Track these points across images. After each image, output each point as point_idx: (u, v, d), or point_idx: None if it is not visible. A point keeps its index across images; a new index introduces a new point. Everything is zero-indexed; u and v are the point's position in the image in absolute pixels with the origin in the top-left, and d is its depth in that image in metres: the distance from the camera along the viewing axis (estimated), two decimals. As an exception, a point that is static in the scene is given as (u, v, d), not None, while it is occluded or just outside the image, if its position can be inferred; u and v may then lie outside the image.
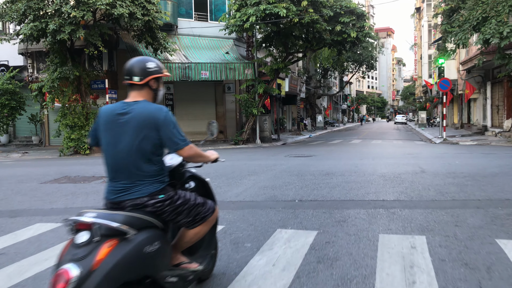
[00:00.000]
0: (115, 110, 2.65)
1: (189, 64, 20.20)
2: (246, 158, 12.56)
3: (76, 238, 2.24)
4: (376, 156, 12.15)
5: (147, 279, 2.50)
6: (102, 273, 2.15)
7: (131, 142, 2.56)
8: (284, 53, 22.33)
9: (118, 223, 2.31)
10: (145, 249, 2.40)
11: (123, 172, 2.58)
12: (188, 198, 2.80)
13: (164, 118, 2.64)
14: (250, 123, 21.87)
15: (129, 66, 2.72)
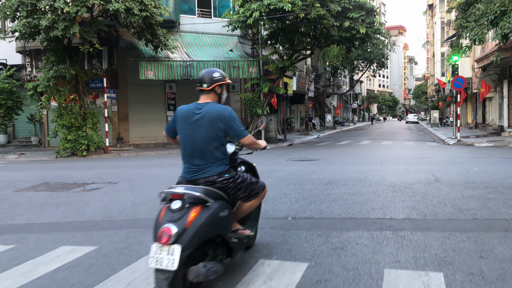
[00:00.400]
0: (191, 109, 3.43)
1: (191, 62, 19.35)
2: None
3: (172, 205, 2.99)
4: (385, 160, 11.15)
5: (218, 238, 3.24)
6: (193, 231, 2.87)
7: (206, 133, 3.31)
8: (290, 50, 21.38)
9: (201, 193, 3.07)
10: (220, 214, 3.17)
11: (198, 156, 3.33)
12: (246, 177, 3.56)
13: (229, 115, 3.38)
14: (255, 124, 20.97)
15: (200, 76, 3.49)
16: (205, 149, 3.35)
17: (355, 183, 7.43)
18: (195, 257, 3.01)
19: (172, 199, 3.04)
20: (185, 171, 3.43)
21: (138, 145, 20.68)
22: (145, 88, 20.88)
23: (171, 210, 2.98)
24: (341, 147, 17.54)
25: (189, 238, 2.87)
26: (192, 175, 3.37)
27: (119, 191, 7.51)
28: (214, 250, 3.24)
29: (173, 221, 2.89)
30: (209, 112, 3.37)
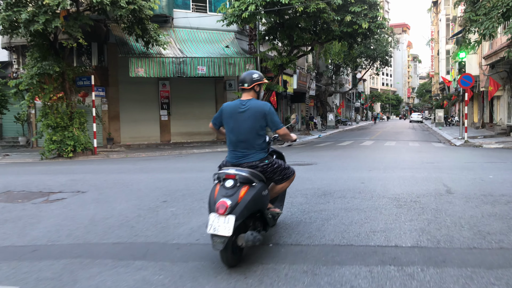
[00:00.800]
0: (236, 105, 4.05)
1: (184, 58, 18.36)
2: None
3: (225, 183, 3.70)
4: (389, 165, 10.09)
5: (258, 213, 3.94)
6: (243, 205, 3.59)
7: (250, 125, 3.96)
8: (289, 46, 20.33)
9: (249, 175, 3.78)
10: (262, 193, 3.87)
11: (243, 145, 3.99)
12: (280, 164, 4.27)
13: (269, 109, 4.03)
14: (252, 123, 19.91)
15: (242, 77, 4.15)
16: (249, 138, 3.94)
17: (354, 195, 6.39)
18: (240, 227, 3.62)
19: (225, 178, 3.70)
20: (231, 156, 4.03)
21: (129, 146, 19.71)
22: (137, 86, 19.92)
23: (225, 188, 3.65)
24: (341, 148, 16.49)
25: (240, 211, 3.51)
26: (237, 160, 3.97)
27: (82, 204, 6.51)
28: (253, 223, 3.87)
29: (228, 196, 3.54)
30: (252, 107, 3.95)
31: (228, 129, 4.08)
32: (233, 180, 3.68)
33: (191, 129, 21.42)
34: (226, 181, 3.71)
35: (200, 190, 7.11)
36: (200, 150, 18.16)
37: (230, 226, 3.41)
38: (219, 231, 3.42)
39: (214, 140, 21.82)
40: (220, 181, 3.74)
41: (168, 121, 20.88)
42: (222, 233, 3.40)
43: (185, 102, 21.19)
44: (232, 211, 3.49)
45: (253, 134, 3.96)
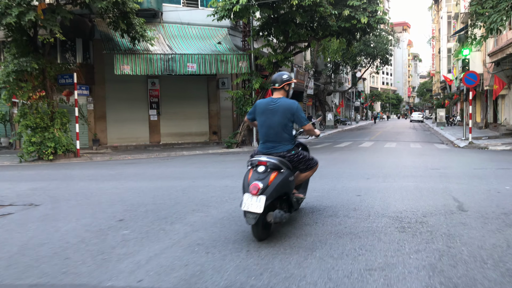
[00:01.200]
0: (268, 102, 4.61)
1: (173, 55, 17.28)
2: (218, 172, 9.54)
3: (258, 169, 4.25)
4: (389, 172, 9.00)
5: (284, 196, 4.46)
6: (272, 187, 4.13)
7: (279, 120, 4.50)
8: (284, 43, 19.24)
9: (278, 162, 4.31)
10: (289, 178, 4.41)
11: (273, 137, 4.54)
12: (305, 155, 4.76)
13: (296, 107, 4.55)
14: (246, 124, 18.87)
15: (273, 77, 4.73)
16: (278, 131, 4.52)
17: (347, 213, 5.31)
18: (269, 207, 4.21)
19: (257, 165, 4.31)
20: (262, 147, 4.64)
21: (116, 147, 18.65)
22: (125, 84, 18.86)
23: (257, 172, 4.25)
24: (339, 150, 15.41)
25: (270, 192, 4.11)
26: (267, 150, 4.57)
27: (25, 222, 5.45)
28: (280, 205, 4.46)
29: (259, 180, 4.14)
30: (281, 104, 4.54)
31: (260, 123, 4.65)
32: (265, 166, 4.25)
33: (182, 129, 20.35)
34: (258, 167, 4.27)
35: (168, 205, 6.04)
36: (190, 152, 17.11)
37: (261, 204, 3.96)
38: (252, 208, 3.98)
39: (206, 141, 20.76)
40: (253, 167, 4.32)
41: (158, 121, 19.81)
42: (254, 210, 3.96)
43: (175, 101, 20.12)
44: (263, 192, 4.04)
45: (282, 128, 4.50)
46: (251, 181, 4.12)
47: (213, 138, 20.90)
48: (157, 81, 19.57)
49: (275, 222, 4.25)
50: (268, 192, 4.07)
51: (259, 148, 4.66)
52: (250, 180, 4.16)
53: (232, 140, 18.42)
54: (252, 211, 3.98)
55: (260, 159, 4.32)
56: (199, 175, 8.94)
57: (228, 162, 11.75)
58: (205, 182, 7.88)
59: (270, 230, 4.42)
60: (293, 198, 4.64)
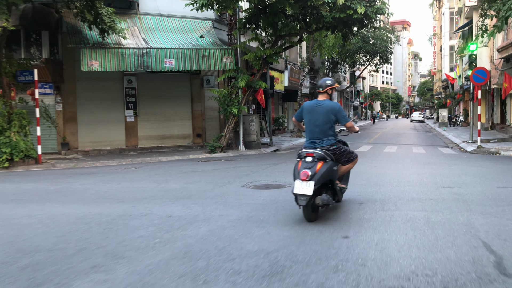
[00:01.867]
0: (314, 104, 5.33)
1: (148, 49, 15.35)
2: (176, 190, 7.55)
3: (306, 159, 4.93)
4: (389, 193, 7.00)
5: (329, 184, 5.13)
6: (319, 174, 4.80)
7: (324, 119, 5.21)
8: (273, 36, 17.29)
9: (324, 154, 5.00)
10: (333, 168, 5.08)
11: (318, 133, 5.23)
12: (346, 148, 5.45)
13: (338, 108, 5.27)
14: (231, 125, 16.96)
15: (319, 83, 5.48)
16: (323, 128, 5.22)
17: (323, 280, 3.34)
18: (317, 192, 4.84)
19: (306, 156, 4.98)
20: (309, 142, 5.33)
21: (88, 152, 16.71)
22: (98, 82, 16.94)
23: (306, 162, 4.92)
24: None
25: (317, 178, 4.79)
26: (313, 145, 5.25)
27: None
28: (326, 192, 5.09)
29: (308, 168, 4.81)
30: (326, 105, 5.25)
31: (306, 121, 5.40)
32: (312, 157, 4.96)
33: (162, 132, 18.41)
34: (306, 158, 4.98)
35: (68, 253, 4.07)
36: (167, 158, 15.19)
37: (311, 188, 4.70)
38: (303, 191, 4.72)
39: (189, 145, 18.81)
40: (301, 158, 5.05)
41: (135, 122, 17.87)
42: (305, 193, 4.71)
43: (155, 101, 18.18)
44: (312, 178, 4.76)
45: (326, 126, 5.23)
46: (301, 169, 4.82)
47: (197, 141, 18.97)
48: (134, 79, 17.63)
49: (322, 205, 4.90)
50: (316, 178, 4.76)
51: (306, 143, 5.37)
52: (300, 169, 4.85)
53: (215, 144, 16.48)
54: (303, 193, 4.69)
55: (308, 151, 5.02)
56: (149, 195, 7.00)
57: (199, 174, 9.79)
58: (147, 208, 5.94)
59: (318, 214, 5.12)
60: (336, 187, 5.31)
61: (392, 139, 23.17)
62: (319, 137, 5.24)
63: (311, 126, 5.29)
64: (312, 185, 4.69)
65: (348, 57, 34.39)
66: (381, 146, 18.49)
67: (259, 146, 18.40)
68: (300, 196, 4.76)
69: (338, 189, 5.39)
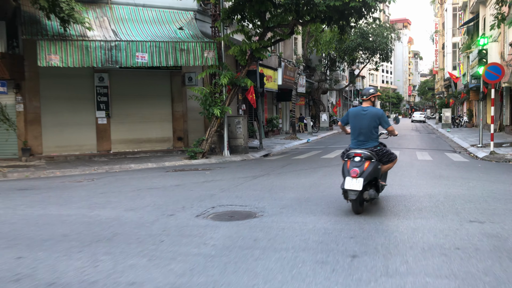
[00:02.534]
0: (359, 110, 5.84)
1: (117, 42, 13.35)
2: (109, 221, 5.55)
3: (354, 159, 5.51)
4: (395, 228, 4.97)
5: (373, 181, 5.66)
6: (367, 172, 5.37)
7: (368, 123, 5.71)
8: (260, 28, 15.26)
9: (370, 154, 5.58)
10: (378, 166, 5.64)
11: (363, 136, 5.73)
12: (388, 149, 5.95)
13: (382, 114, 5.83)
14: (213, 128, 14.95)
15: (363, 92, 6.05)
16: (367, 132, 5.72)
17: None
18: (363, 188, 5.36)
19: (354, 156, 5.54)
20: (354, 143, 5.82)
21: (53, 158, 14.71)
22: (65, 79, 14.95)
23: (354, 161, 5.48)
24: (324, 166, 11.44)
25: (366, 175, 5.34)
26: (358, 146, 5.74)
27: None
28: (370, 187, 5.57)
29: (357, 167, 5.36)
30: (370, 111, 5.77)
31: (352, 125, 5.89)
32: (360, 157, 5.51)
33: (139, 135, 16.40)
34: (355, 157, 5.53)
35: None
36: (139, 165, 13.20)
37: (360, 184, 5.25)
38: (353, 187, 5.27)
39: (169, 149, 16.80)
40: (350, 158, 5.59)
41: (108, 125, 15.85)
42: (355, 188, 5.26)
43: (130, 100, 16.17)
44: (361, 175, 5.31)
45: (370, 129, 5.73)
46: (350, 168, 5.41)
47: (178, 145, 16.94)
48: (106, 76, 15.61)
49: (370, 199, 5.50)
50: (364, 175, 5.35)
51: (351, 145, 5.87)
52: (349, 167, 5.43)
53: (196, 149, 14.48)
54: (354, 188, 5.27)
55: (356, 151, 5.61)
56: (61, 232, 4.95)
57: (155, 192, 7.75)
58: (34, 263, 3.91)
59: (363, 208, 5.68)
60: (379, 184, 5.86)
61: (393, 142, 21.13)
62: (364, 139, 5.73)
63: (356, 129, 5.78)
64: (361, 181, 5.26)
65: (347, 54, 32.33)
66: (381, 151, 16.47)
67: (246, 150, 16.39)
68: (350, 191, 5.30)
69: (380, 185, 5.89)
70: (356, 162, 5.48)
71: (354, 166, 5.40)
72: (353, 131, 5.87)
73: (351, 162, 5.51)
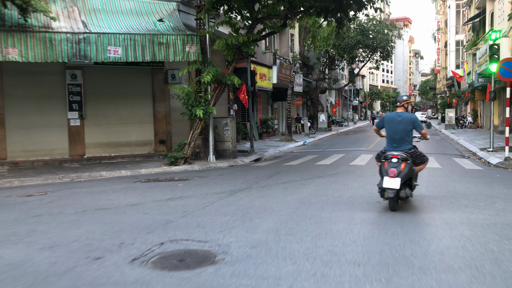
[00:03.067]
0: (394, 115, 6.24)
1: (87, 34, 11.73)
2: (4, 271, 3.99)
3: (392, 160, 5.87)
4: None
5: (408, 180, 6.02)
6: (404, 172, 5.76)
7: (403, 128, 6.10)
8: (249, 20, 13.62)
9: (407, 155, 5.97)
10: (412, 167, 6.01)
11: (398, 140, 6.12)
12: (420, 152, 6.33)
13: (415, 119, 6.19)
14: (197, 131, 13.33)
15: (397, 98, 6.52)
16: (402, 135, 6.10)
17: None
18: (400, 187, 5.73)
19: (391, 157, 5.90)
20: (389, 146, 6.21)
21: (18, 164, 13.09)
22: (33, 77, 13.34)
23: (391, 163, 5.84)
24: (318, 176, 9.80)
25: (402, 175, 5.74)
26: (394, 149, 6.11)
27: None
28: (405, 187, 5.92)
29: (394, 167, 5.75)
30: (405, 117, 6.15)
31: (387, 129, 6.29)
32: (397, 159, 5.87)
33: (116, 138, 14.77)
34: (392, 159, 5.89)
35: None
36: (112, 173, 11.60)
37: (398, 183, 5.63)
38: (391, 186, 5.65)
39: (150, 153, 15.17)
40: (387, 159, 5.94)
41: (81, 127, 14.22)
42: (393, 187, 5.64)
43: (107, 100, 14.54)
44: (398, 175, 5.69)
45: (405, 133, 6.11)
46: (388, 168, 5.77)
47: (160, 148, 15.29)
48: (79, 73, 13.97)
49: (406, 197, 5.96)
50: (401, 175, 5.72)
51: (387, 148, 6.24)
52: (387, 168, 5.79)
53: (177, 154, 12.86)
54: (392, 187, 5.64)
55: (393, 153, 5.97)
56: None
57: (99, 216, 6.08)
58: None
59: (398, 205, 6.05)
60: (412, 183, 6.21)
61: (396, 145, 19.49)
62: (399, 142, 6.15)
63: (392, 133, 6.21)
64: (399, 181, 5.67)
65: (346, 52, 30.65)
66: (383, 155, 14.82)
67: (235, 155, 14.75)
68: (388, 189, 5.70)
69: (413, 185, 6.25)
70: (393, 163, 5.85)
71: (391, 166, 5.78)
72: (388, 135, 6.29)
73: (388, 163, 5.87)
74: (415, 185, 6.37)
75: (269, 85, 22.73)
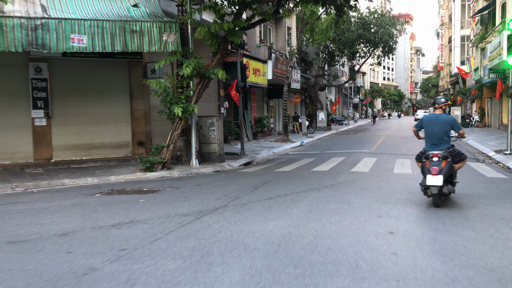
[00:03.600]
0: (432, 117, 6.48)
1: (45, 20, 9.98)
2: None
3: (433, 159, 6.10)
4: None
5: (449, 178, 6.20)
6: (445, 170, 6.01)
7: (441, 128, 6.34)
8: (236, 5, 11.86)
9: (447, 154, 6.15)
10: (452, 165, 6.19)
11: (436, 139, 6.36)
12: (459, 150, 6.55)
13: (453, 120, 6.42)
14: (177, 132, 11.62)
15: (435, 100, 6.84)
16: (441, 136, 6.34)
17: None
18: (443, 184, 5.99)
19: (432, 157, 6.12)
20: (428, 146, 6.46)
21: (-28, 169, 11.35)
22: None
23: (433, 161, 6.07)
24: (313, 189, 8.06)
25: (444, 173, 5.96)
26: (433, 148, 6.34)
27: None
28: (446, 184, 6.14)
29: (436, 166, 5.98)
30: (443, 118, 6.40)
31: (427, 130, 6.51)
32: (438, 157, 6.08)
33: (88, 139, 13.03)
34: (433, 158, 6.10)
35: None
36: (76, 181, 9.91)
37: (440, 180, 5.89)
38: (434, 183, 5.91)
39: (127, 156, 13.43)
40: (428, 158, 6.15)
41: (48, 127, 12.48)
42: (436, 184, 5.91)
43: (78, 97, 12.80)
44: (440, 173, 5.93)
45: (444, 133, 6.34)
46: (430, 167, 6.01)
47: (139, 151, 13.55)
48: (45, 66, 12.22)
49: (449, 193, 6.20)
50: (443, 172, 5.95)
51: (426, 148, 6.49)
52: (429, 166, 6.03)
53: (153, 159, 11.15)
54: (435, 184, 5.90)
55: (434, 153, 6.17)
56: None
57: (8, 256, 4.41)
58: None
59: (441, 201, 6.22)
60: (453, 180, 6.38)
61: (401, 147, 17.85)
62: (438, 142, 6.35)
63: (431, 134, 6.43)
64: (441, 178, 5.90)
65: (347, 47, 28.87)
66: (388, 159, 13.11)
67: (222, 158, 13.04)
68: (432, 187, 5.96)
69: (453, 182, 6.39)
70: (434, 161, 6.07)
71: (433, 165, 6.02)
72: (427, 136, 6.50)
73: (430, 162, 6.10)
74: (455, 182, 6.55)
75: (264, 81, 20.96)
